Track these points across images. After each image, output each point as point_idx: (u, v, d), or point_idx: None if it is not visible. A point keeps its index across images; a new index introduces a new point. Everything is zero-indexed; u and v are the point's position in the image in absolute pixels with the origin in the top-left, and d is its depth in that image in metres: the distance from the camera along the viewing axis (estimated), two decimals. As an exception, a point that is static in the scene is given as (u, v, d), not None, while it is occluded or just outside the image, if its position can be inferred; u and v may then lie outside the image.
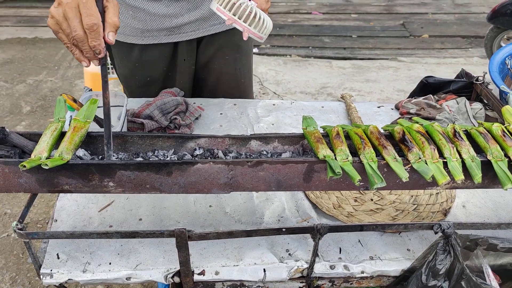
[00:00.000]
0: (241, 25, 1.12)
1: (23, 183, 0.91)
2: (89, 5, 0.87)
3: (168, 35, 1.53)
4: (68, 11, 0.87)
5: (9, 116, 3.71)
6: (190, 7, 1.48)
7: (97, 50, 0.89)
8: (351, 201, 1.21)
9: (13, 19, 5.78)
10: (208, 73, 1.69)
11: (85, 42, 0.88)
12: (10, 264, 2.37)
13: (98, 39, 0.88)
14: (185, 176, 0.93)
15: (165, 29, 1.51)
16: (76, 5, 0.87)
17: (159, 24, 1.49)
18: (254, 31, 1.13)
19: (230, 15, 1.11)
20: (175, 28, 1.52)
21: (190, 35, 1.55)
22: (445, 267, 0.95)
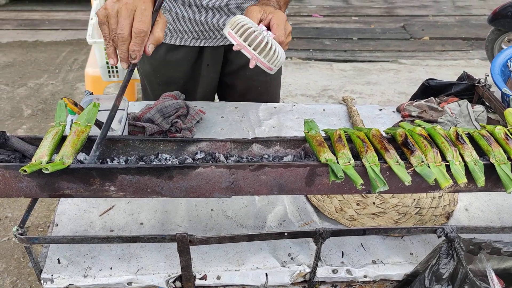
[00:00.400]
0: (250, 52, 1.08)
1: (23, 187, 0.91)
2: (146, 13, 0.91)
3: (195, 39, 1.54)
4: (124, 10, 0.91)
5: (10, 119, 3.71)
6: (220, 15, 1.49)
7: (133, 55, 0.92)
8: (354, 204, 1.20)
9: (14, 23, 5.79)
10: (237, 80, 1.70)
11: (125, 44, 0.91)
12: (11, 268, 2.36)
13: (140, 45, 0.92)
14: (186, 180, 0.92)
15: (192, 32, 1.52)
16: (133, 8, 0.91)
17: (187, 27, 1.51)
18: (263, 60, 1.09)
19: (240, 40, 1.08)
20: (202, 33, 1.53)
21: (217, 41, 1.56)
22: (449, 271, 0.95)
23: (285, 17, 1.16)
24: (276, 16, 1.14)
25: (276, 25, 1.12)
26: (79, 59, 4.81)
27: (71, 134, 0.95)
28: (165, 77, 1.64)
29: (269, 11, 1.14)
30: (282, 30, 1.12)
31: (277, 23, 1.13)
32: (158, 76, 1.65)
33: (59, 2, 6.34)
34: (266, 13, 1.14)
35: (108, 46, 0.94)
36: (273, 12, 1.14)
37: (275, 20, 1.13)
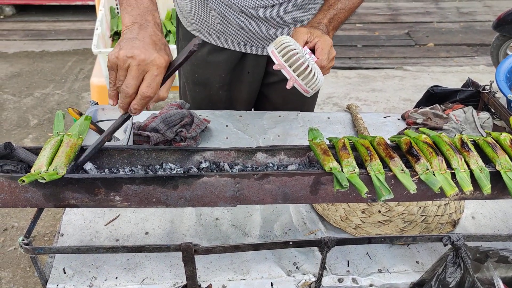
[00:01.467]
0: (289, 73, 1.10)
1: (29, 197, 0.91)
2: (157, 80, 0.90)
3: (240, 44, 1.55)
4: (135, 70, 0.89)
5: (17, 129, 3.74)
6: (267, 26, 1.50)
7: (134, 111, 0.92)
8: (359, 213, 1.19)
9: (21, 33, 5.84)
10: (275, 92, 1.71)
11: (128, 99, 0.91)
12: (17, 278, 2.37)
13: (143, 106, 0.92)
14: (191, 189, 0.92)
15: (238, 36, 1.53)
16: (145, 70, 0.89)
17: (234, 31, 1.52)
18: (300, 83, 1.11)
19: (282, 61, 1.09)
20: (247, 39, 1.54)
21: (261, 51, 1.56)
22: (455, 279, 0.94)
23: (331, 43, 1.17)
24: (323, 40, 1.15)
25: (321, 49, 1.14)
26: (85, 68, 4.84)
27: (63, 146, 0.96)
28: (202, 78, 1.64)
29: (316, 35, 1.16)
30: (326, 54, 1.14)
31: (322, 47, 1.14)
32: (196, 75, 1.65)
33: (65, 13, 6.40)
34: (313, 36, 1.16)
35: (112, 89, 0.94)
36: (320, 36, 1.16)
37: (320, 44, 1.14)
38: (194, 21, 1.56)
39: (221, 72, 1.61)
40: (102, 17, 2.93)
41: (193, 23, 1.57)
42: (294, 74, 1.10)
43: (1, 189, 0.90)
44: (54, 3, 6.25)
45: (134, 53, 0.88)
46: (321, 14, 1.29)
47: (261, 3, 1.44)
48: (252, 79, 1.65)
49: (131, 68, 0.89)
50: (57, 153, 0.94)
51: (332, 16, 1.28)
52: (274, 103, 1.73)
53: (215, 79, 1.63)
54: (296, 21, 1.51)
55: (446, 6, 7.15)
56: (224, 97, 1.67)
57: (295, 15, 1.50)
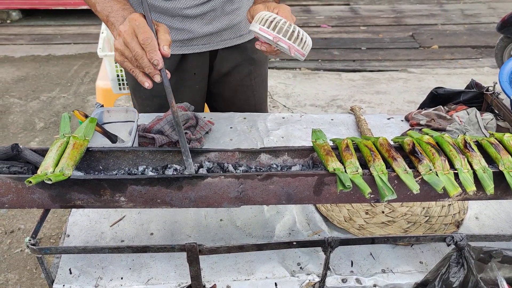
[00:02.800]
0: (286, 42, 1.11)
1: (36, 198, 0.92)
2: (142, 25, 0.99)
3: (179, 47, 1.56)
4: (126, 37, 0.99)
5: (23, 132, 3.77)
6: (203, 23, 1.52)
7: (154, 61, 0.97)
8: (362, 213, 1.20)
9: (28, 37, 5.89)
10: (223, 87, 1.72)
11: (144, 58, 0.98)
12: (23, 280, 2.39)
13: (155, 50, 0.97)
14: (195, 190, 0.93)
15: (177, 41, 1.54)
16: (132, 30, 0.99)
17: (172, 36, 1.50)
18: (298, 48, 1.12)
19: (275, 33, 1.10)
20: (186, 41, 1.55)
21: (201, 48, 1.58)
22: (459, 280, 0.94)
23: (289, 8, 1.19)
24: (282, 9, 1.17)
25: (285, 17, 1.15)
26: (90, 72, 4.87)
27: (69, 147, 0.97)
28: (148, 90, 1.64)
29: (274, 6, 1.18)
30: (291, 20, 1.16)
31: (285, 15, 1.16)
32: (142, 89, 1.63)
33: (71, 17, 6.45)
34: (271, 8, 1.17)
35: (136, 74, 1.01)
36: (278, 6, 1.18)
37: (282, 13, 1.16)
38: None
39: None
40: (107, 21, 2.95)
41: None
42: (291, 42, 1.11)
43: (8, 190, 0.91)
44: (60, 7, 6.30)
45: (118, 30, 1.02)
46: None
47: (193, 2, 1.46)
48: (200, 79, 1.66)
49: (125, 40, 1.00)
50: (63, 154, 0.95)
51: None
52: (225, 98, 1.75)
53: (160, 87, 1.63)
54: (229, 11, 1.54)
55: (450, 8, 7.14)
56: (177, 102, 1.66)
57: (227, 6, 1.52)
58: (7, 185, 0.90)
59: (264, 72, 1.79)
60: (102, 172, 1.02)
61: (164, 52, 0.98)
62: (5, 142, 3.59)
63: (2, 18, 6.41)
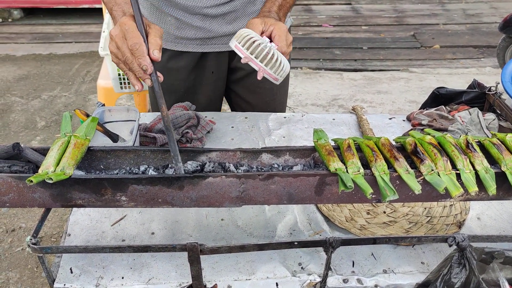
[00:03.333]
0: (257, 64, 1.11)
1: (37, 198, 0.92)
2: (131, 30, 1.00)
3: (199, 45, 1.56)
4: (118, 41, 1.01)
5: (24, 131, 3.77)
6: (223, 23, 1.52)
7: (143, 66, 0.98)
8: (364, 213, 1.20)
9: (29, 36, 5.89)
10: (244, 87, 1.72)
11: (134, 62, 0.99)
12: (24, 278, 2.39)
13: (143, 56, 0.98)
14: (196, 190, 0.93)
15: (197, 39, 1.55)
16: (122, 34, 1.01)
17: (192, 34, 1.53)
18: (269, 72, 1.12)
19: (247, 53, 1.11)
20: (206, 39, 1.55)
21: (221, 47, 1.58)
22: (461, 280, 0.94)
23: (286, 28, 1.19)
24: (278, 27, 1.17)
25: (278, 36, 1.15)
26: (92, 71, 4.87)
27: (70, 146, 0.97)
28: (166, 85, 1.62)
29: (270, 23, 1.17)
30: (284, 40, 1.15)
31: (278, 34, 1.15)
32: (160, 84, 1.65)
33: (73, 16, 6.45)
34: (267, 25, 1.17)
35: (129, 75, 1.02)
36: (274, 24, 1.17)
37: (276, 32, 1.16)
38: None
39: (183, 76, 1.62)
40: (109, 19, 2.95)
41: None
42: (262, 64, 1.11)
43: (10, 189, 0.91)
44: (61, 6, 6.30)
45: (111, 35, 1.03)
46: (270, 3, 1.31)
47: (214, 2, 1.46)
48: (217, 78, 1.66)
49: (117, 43, 1.01)
50: (65, 153, 0.95)
51: (281, 2, 1.32)
52: (245, 98, 1.74)
53: (179, 84, 1.64)
54: (249, 13, 1.53)
55: (452, 8, 7.13)
56: (191, 101, 1.66)
57: (249, 7, 1.52)
58: (8, 184, 0.90)
59: (286, 78, 1.77)
60: (103, 171, 1.02)
61: (154, 57, 0.99)
62: (6, 140, 3.59)
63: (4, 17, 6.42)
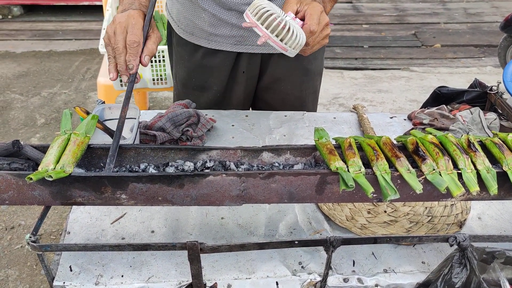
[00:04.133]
0: (261, 30, 1.07)
1: (36, 195, 0.92)
2: (136, 27, 1.03)
3: (233, 44, 1.54)
4: (118, 28, 1.03)
5: (24, 128, 3.76)
6: None
7: (130, 65, 1.00)
8: (365, 213, 1.19)
9: (29, 33, 5.88)
10: (273, 94, 1.69)
11: (122, 55, 1.01)
12: (24, 276, 2.39)
13: (135, 55, 1.01)
14: (197, 188, 0.93)
15: (231, 37, 1.52)
16: (126, 25, 1.03)
17: (226, 31, 1.51)
18: (275, 39, 1.07)
19: (253, 19, 1.07)
20: (241, 38, 1.52)
21: (255, 49, 1.56)
22: (461, 280, 0.93)
23: (321, 8, 1.14)
24: (312, 6, 1.13)
25: (310, 15, 1.12)
26: (92, 68, 4.87)
27: (70, 144, 0.96)
28: (200, 82, 1.64)
29: (306, 3, 1.14)
30: (315, 19, 1.11)
31: (310, 13, 1.12)
32: (193, 80, 1.64)
33: (73, 13, 6.44)
34: (303, 4, 1.14)
35: (110, 62, 1.04)
36: (310, 3, 1.14)
37: (309, 11, 1.12)
38: (185, 26, 1.57)
39: (217, 74, 1.61)
40: (109, 17, 2.95)
41: (185, 28, 1.57)
42: (266, 30, 1.07)
43: (9, 186, 0.90)
44: (61, 3, 6.29)
45: (115, 19, 1.05)
46: None
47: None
48: (247, 78, 1.64)
49: (115, 30, 1.03)
50: (64, 151, 0.95)
51: None
52: (272, 106, 1.72)
53: (213, 81, 1.63)
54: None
55: (453, 7, 7.12)
56: (223, 99, 1.67)
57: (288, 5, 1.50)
58: (8, 182, 0.90)
59: (316, 85, 1.75)
60: (103, 169, 1.02)
61: (144, 62, 1.02)
62: (6, 137, 3.59)
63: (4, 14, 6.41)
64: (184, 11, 1.53)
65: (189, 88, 1.68)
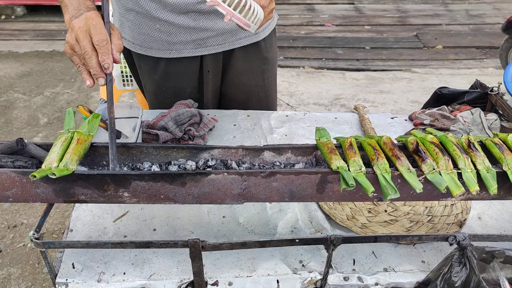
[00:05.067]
0: (224, 7, 1.08)
1: (40, 193, 0.93)
2: (99, 26, 1.00)
3: (193, 48, 1.54)
4: (80, 33, 0.99)
5: (27, 127, 3.78)
6: (218, 18, 1.48)
7: (105, 64, 0.98)
8: (365, 212, 1.20)
9: (32, 33, 5.90)
10: (237, 90, 1.70)
11: (92, 58, 0.98)
12: (26, 274, 2.40)
13: (108, 54, 0.98)
14: (198, 186, 0.93)
15: (191, 42, 1.52)
16: (87, 28, 0.99)
17: (185, 37, 1.50)
18: (238, 16, 1.09)
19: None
20: (201, 41, 1.52)
21: (216, 48, 1.56)
22: (461, 279, 0.94)
23: None
24: None
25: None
26: (94, 68, 4.87)
27: (74, 142, 0.97)
28: (170, 90, 1.64)
29: None
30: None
31: None
32: (164, 89, 1.64)
33: (75, 13, 6.45)
34: None
35: (82, 71, 1.01)
36: None
37: None
38: (141, 42, 1.55)
39: (186, 78, 1.61)
40: (111, 17, 2.95)
41: (141, 44, 1.55)
42: (229, 8, 1.08)
43: (13, 184, 0.91)
44: (64, 3, 6.29)
45: (72, 25, 1.02)
46: None
47: None
48: (212, 77, 1.64)
49: (77, 36, 0.99)
50: (68, 149, 0.96)
51: None
52: (237, 101, 1.72)
53: (183, 86, 1.63)
54: None
55: (455, 8, 7.12)
56: (198, 100, 1.66)
57: None
58: (12, 179, 0.91)
59: (275, 71, 1.77)
60: (106, 167, 1.03)
61: (116, 58, 1.00)
62: (9, 137, 3.60)
63: (7, 14, 6.43)
64: (137, 27, 1.52)
65: (162, 97, 1.67)
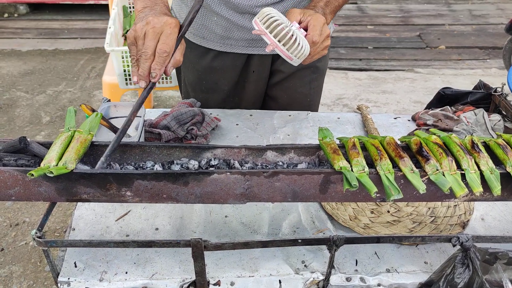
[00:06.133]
0: (269, 38, 1.11)
1: (42, 191, 0.93)
2: (171, 37, 1.00)
3: (245, 46, 1.55)
4: (151, 32, 0.99)
5: (29, 126, 3.78)
6: None
7: (154, 73, 0.99)
8: (368, 212, 1.20)
9: (35, 32, 5.91)
10: (282, 92, 1.70)
11: (148, 62, 0.99)
12: (27, 272, 2.40)
13: (162, 65, 0.99)
14: (201, 186, 0.93)
15: (244, 40, 1.53)
16: (160, 31, 0.99)
17: (238, 35, 1.51)
18: (282, 48, 1.12)
19: (262, 27, 1.10)
20: (253, 41, 1.53)
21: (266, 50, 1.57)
22: (464, 281, 0.94)
23: (324, 20, 1.18)
24: (315, 18, 1.16)
25: (313, 26, 1.15)
26: (97, 67, 4.88)
27: (74, 141, 0.97)
28: (210, 84, 1.65)
29: (309, 14, 1.17)
30: (317, 31, 1.15)
31: (313, 24, 1.15)
32: (203, 83, 1.65)
33: (78, 12, 6.46)
34: (306, 15, 1.17)
35: (134, 65, 1.01)
36: (312, 14, 1.17)
37: (312, 22, 1.16)
38: (195, 30, 1.56)
39: (228, 75, 1.62)
40: (115, 16, 2.96)
41: (195, 32, 1.57)
42: (274, 39, 1.10)
43: (15, 182, 0.91)
44: (67, 2, 6.31)
45: (149, 19, 1.01)
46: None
47: (266, 1, 1.43)
48: (257, 78, 1.64)
49: (147, 33, 0.99)
50: (67, 148, 0.96)
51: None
52: (280, 104, 1.73)
53: (223, 82, 1.64)
54: None
55: (458, 8, 7.10)
56: (232, 99, 1.67)
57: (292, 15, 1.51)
58: (14, 178, 0.91)
59: (322, 82, 1.77)
60: (108, 166, 1.02)
61: (168, 72, 1.01)
62: (11, 135, 3.61)
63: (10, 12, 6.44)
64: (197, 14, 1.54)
65: (198, 91, 1.68)
